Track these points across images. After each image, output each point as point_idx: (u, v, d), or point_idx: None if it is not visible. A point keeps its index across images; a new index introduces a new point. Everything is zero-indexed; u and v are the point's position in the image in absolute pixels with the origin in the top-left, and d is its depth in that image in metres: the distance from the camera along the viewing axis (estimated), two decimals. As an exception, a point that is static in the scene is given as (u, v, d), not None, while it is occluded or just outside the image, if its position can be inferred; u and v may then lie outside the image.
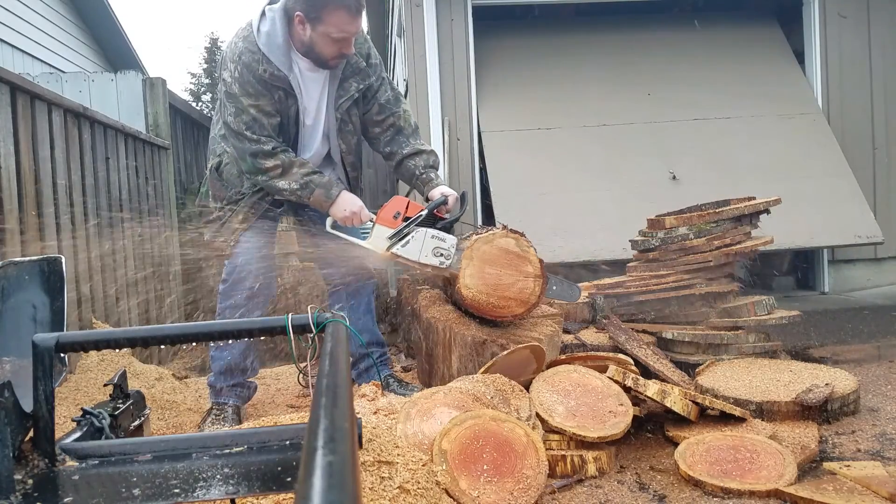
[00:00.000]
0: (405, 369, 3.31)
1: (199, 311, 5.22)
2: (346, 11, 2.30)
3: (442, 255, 2.36)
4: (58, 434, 1.13)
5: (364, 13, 2.57)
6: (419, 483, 1.45)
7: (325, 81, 2.51)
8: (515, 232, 2.48)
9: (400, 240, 2.36)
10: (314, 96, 2.51)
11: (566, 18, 5.59)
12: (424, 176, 2.61)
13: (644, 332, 2.93)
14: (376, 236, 2.40)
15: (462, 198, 2.55)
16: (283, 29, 2.36)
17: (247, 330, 1.28)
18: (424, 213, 2.38)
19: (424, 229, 2.36)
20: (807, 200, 4.49)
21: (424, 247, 2.36)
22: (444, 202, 2.45)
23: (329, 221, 2.49)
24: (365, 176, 6.27)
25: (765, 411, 2.22)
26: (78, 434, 1.19)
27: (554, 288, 2.59)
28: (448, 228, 2.42)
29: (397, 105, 2.65)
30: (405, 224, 2.36)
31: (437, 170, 2.66)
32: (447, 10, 4.85)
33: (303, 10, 2.30)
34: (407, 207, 2.40)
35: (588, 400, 2.08)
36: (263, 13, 2.39)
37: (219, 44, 23.56)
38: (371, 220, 2.43)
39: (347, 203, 2.43)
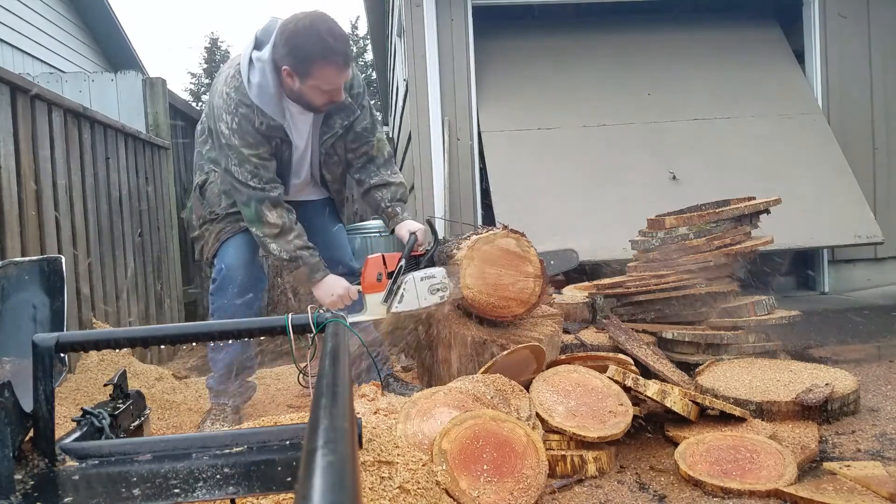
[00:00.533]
0: (405, 369, 3.31)
1: (199, 311, 5.22)
2: (335, 67, 2.27)
3: (439, 289, 2.35)
4: (58, 434, 1.13)
5: (365, 10, 2.56)
6: (419, 483, 1.45)
7: (312, 120, 2.52)
8: (516, 232, 2.48)
9: (394, 297, 2.33)
10: (303, 134, 2.52)
11: (566, 19, 5.59)
12: (390, 210, 2.60)
13: (644, 332, 2.93)
14: (371, 305, 2.37)
15: (430, 225, 2.53)
16: (274, 79, 2.33)
17: (247, 330, 1.28)
18: (403, 262, 2.36)
19: (411, 275, 2.34)
20: (807, 200, 4.49)
21: (420, 292, 2.33)
22: (415, 240, 2.45)
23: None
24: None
25: (765, 411, 2.22)
26: (78, 434, 1.19)
27: (552, 263, 2.56)
28: (431, 261, 2.41)
29: (372, 134, 2.64)
30: (391, 281, 2.34)
31: (404, 203, 2.64)
32: (447, 10, 4.85)
33: (290, 64, 2.27)
34: (384, 264, 2.37)
35: (588, 400, 2.08)
36: (251, 62, 2.34)
37: (219, 44, 23.58)
38: (359, 293, 2.41)
39: (332, 287, 2.43)
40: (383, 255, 2.40)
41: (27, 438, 1.10)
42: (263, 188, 2.39)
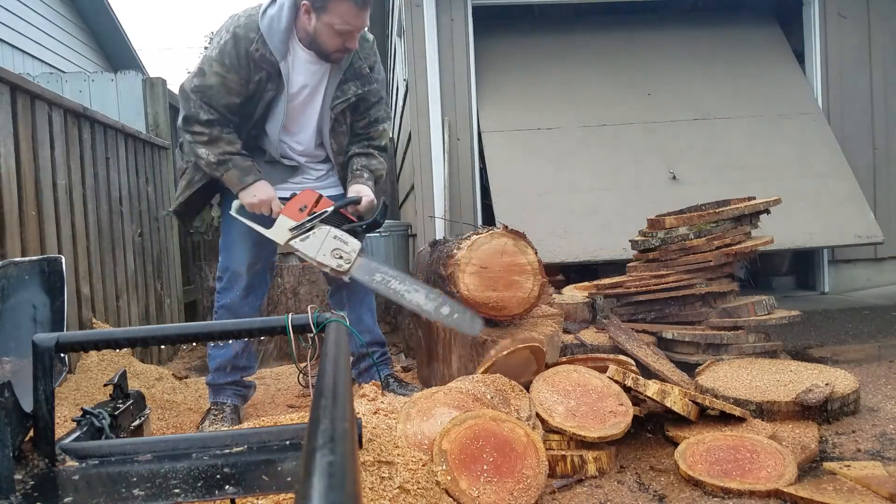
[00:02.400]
0: (405, 369, 3.31)
1: (199, 311, 5.22)
2: (353, 4, 2.31)
3: (341, 257, 2.28)
4: (58, 434, 1.13)
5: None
6: (419, 483, 1.46)
7: (324, 76, 2.51)
8: (515, 232, 2.48)
9: (300, 233, 2.29)
10: (307, 89, 2.50)
11: (566, 18, 5.59)
12: (357, 172, 2.58)
13: (644, 332, 2.93)
14: (278, 226, 2.34)
15: (384, 207, 2.42)
16: (289, 16, 2.37)
17: (247, 330, 1.28)
18: (330, 210, 2.31)
19: (328, 227, 2.29)
20: (807, 200, 4.49)
21: (324, 246, 2.28)
22: (357, 202, 2.39)
23: (235, 204, 2.44)
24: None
25: (765, 411, 2.22)
26: (78, 434, 1.19)
27: (455, 316, 2.38)
28: (356, 232, 2.33)
29: (383, 122, 2.67)
30: (308, 218, 2.30)
31: (374, 175, 2.60)
32: (447, 10, 4.85)
33: None
34: (316, 202, 2.33)
35: (588, 400, 2.08)
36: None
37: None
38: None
39: (259, 191, 2.40)
40: (320, 195, 2.36)
41: (27, 438, 1.10)
42: (200, 106, 2.37)
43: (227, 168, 2.40)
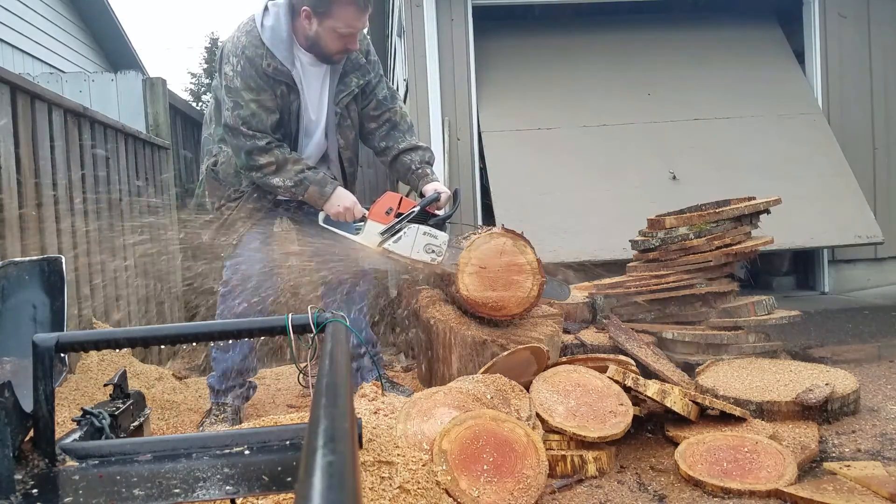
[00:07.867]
0: (405, 369, 3.31)
1: (199, 311, 5.22)
2: (355, 7, 2.31)
3: (433, 251, 2.38)
4: (58, 434, 1.13)
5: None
6: (419, 483, 1.45)
7: (325, 76, 2.51)
8: (514, 232, 2.48)
9: (392, 235, 2.37)
10: (315, 91, 2.51)
11: (566, 18, 5.59)
12: (420, 171, 2.61)
13: (644, 332, 2.93)
14: (368, 231, 2.41)
15: (455, 195, 2.55)
16: (287, 24, 2.37)
17: (247, 330, 1.28)
18: (416, 209, 2.39)
19: (416, 226, 2.37)
20: (807, 200, 4.48)
21: (416, 243, 2.37)
22: (437, 199, 2.46)
23: (321, 216, 2.50)
24: (364, 176, 6.29)
25: (765, 411, 2.22)
26: (78, 434, 1.19)
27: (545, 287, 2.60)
28: (440, 225, 2.43)
29: (393, 102, 2.68)
30: (397, 220, 2.37)
31: (431, 166, 2.66)
32: (447, 11, 4.85)
33: (310, 4, 2.31)
34: (399, 203, 2.41)
35: (588, 400, 2.08)
36: (266, 8, 2.39)
37: (219, 44, 23.58)
38: (364, 216, 2.44)
39: (341, 199, 2.44)
40: (402, 197, 2.43)
41: (27, 438, 1.10)
42: (253, 135, 2.38)
43: (305, 188, 2.41)
